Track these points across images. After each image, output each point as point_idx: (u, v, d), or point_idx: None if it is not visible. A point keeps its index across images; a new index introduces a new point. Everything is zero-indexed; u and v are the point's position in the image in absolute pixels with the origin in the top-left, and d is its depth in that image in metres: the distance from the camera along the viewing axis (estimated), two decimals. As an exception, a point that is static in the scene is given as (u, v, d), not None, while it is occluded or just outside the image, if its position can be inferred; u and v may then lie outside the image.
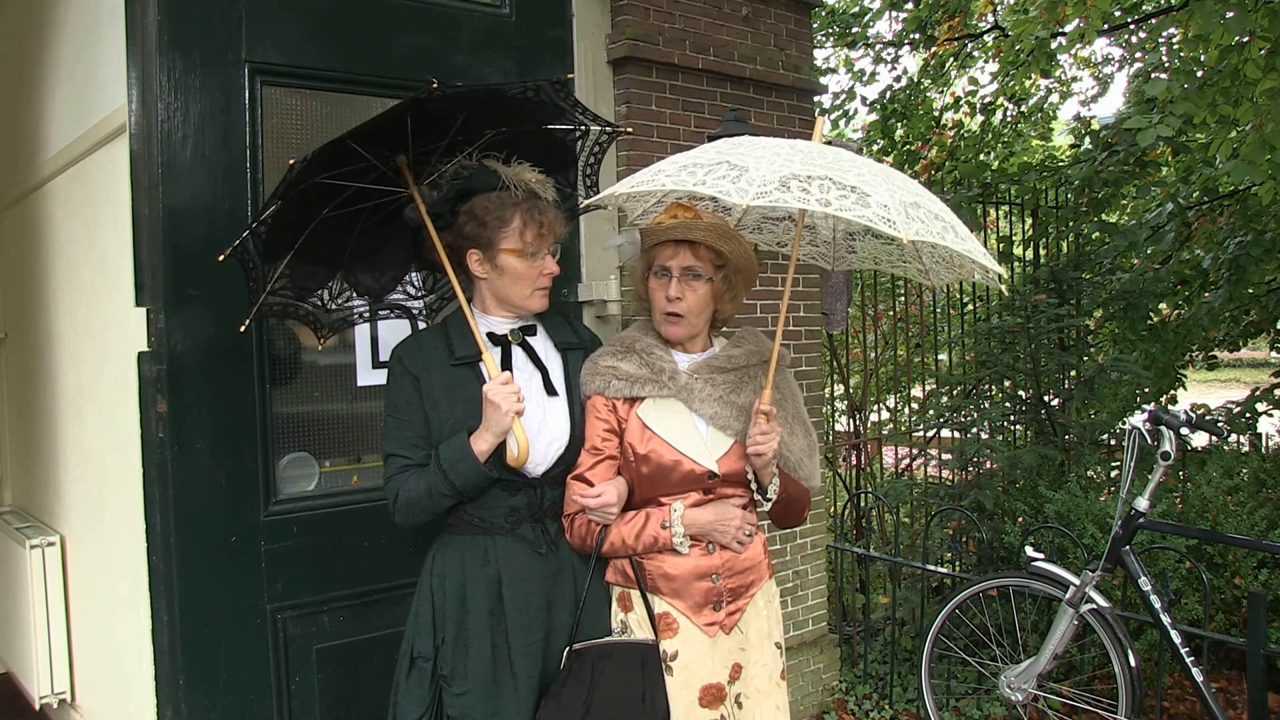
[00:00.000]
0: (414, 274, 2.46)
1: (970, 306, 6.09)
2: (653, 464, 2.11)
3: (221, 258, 2.08)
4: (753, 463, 2.11)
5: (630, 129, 2.16)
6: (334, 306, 2.34)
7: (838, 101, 8.95)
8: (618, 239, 2.30)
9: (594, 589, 2.15)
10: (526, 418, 2.07)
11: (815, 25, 7.24)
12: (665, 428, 2.12)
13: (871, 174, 1.82)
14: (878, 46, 9.02)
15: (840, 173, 1.79)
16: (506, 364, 2.14)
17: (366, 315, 2.42)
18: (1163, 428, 3.16)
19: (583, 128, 2.30)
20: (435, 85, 1.86)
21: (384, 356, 2.98)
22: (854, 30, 8.99)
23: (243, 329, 2.24)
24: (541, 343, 2.23)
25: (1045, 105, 9.24)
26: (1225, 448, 5.31)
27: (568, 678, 2.04)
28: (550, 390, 2.17)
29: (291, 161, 1.90)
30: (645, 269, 2.18)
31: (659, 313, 2.15)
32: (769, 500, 2.17)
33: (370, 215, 2.23)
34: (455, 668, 2.07)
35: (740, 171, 1.78)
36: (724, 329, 2.31)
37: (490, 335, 2.15)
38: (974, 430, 5.09)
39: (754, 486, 2.17)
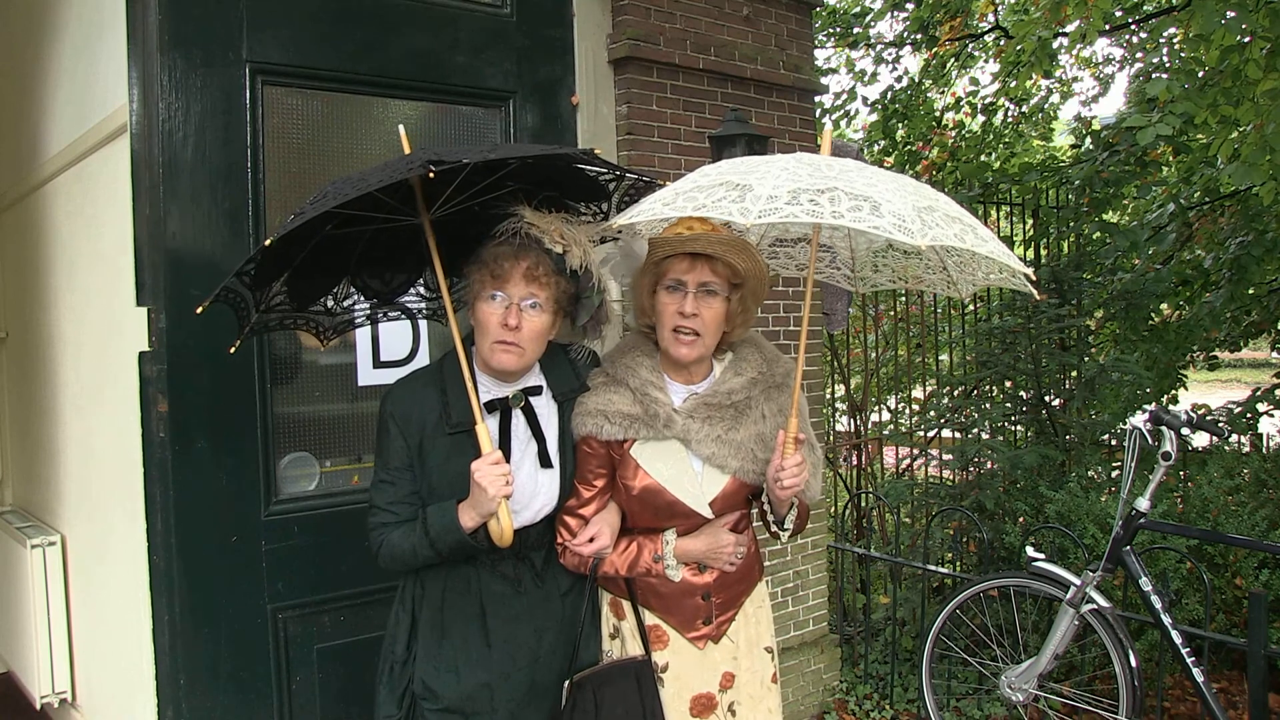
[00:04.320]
0: (427, 277, 2.33)
1: (971, 307, 6.08)
2: (646, 503, 2.07)
3: (200, 310, 1.91)
4: (776, 495, 2.00)
5: (664, 182, 2.00)
6: (339, 310, 2.26)
7: (839, 102, 8.95)
8: (605, 255, 2.17)
9: (589, 617, 2.13)
10: (518, 488, 1.99)
11: (816, 25, 7.23)
12: (660, 470, 2.05)
13: (881, 181, 1.74)
14: (879, 47, 9.02)
15: (849, 183, 1.70)
16: (506, 429, 2.03)
17: (375, 317, 2.34)
18: (1163, 428, 3.16)
19: (616, 173, 2.13)
20: (433, 173, 1.71)
21: (385, 356, 2.98)
22: (855, 30, 8.99)
23: (233, 350, 2.12)
24: (544, 401, 2.10)
25: (1046, 105, 9.24)
26: (1226, 448, 5.31)
27: (573, 711, 2.03)
28: (545, 462, 2.07)
29: (268, 242, 1.76)
30: (653, 282, 2.03)
31: (668, 330, 1.99)
32: (786, 530, 2.11)
33: (381, 226, 2.08)
34: (427, 685, 2.06)
35: (743, 191, 1.69)
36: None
37: (488, 404, 2.02)
38: (975, 430, 5.10)
39: (770, 519, 2.11)
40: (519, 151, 1.99)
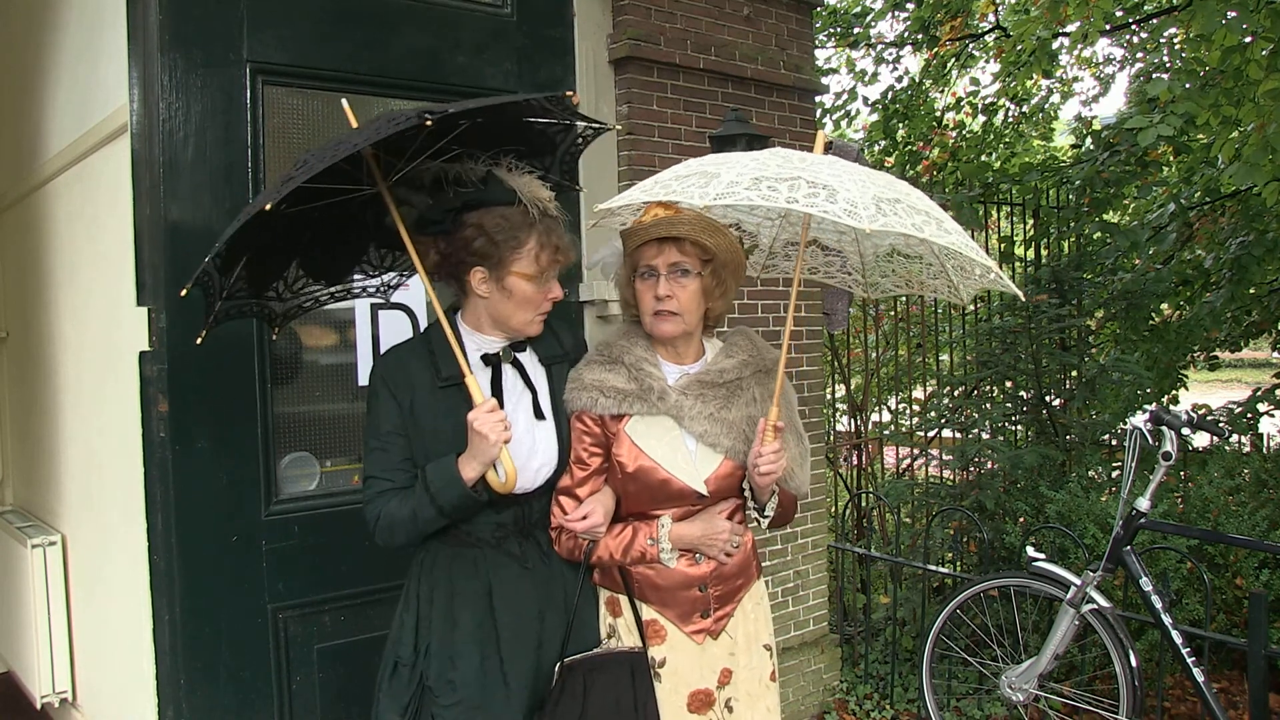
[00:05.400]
0: (370, 251, 2.30)
1: (971, 307, 6.08)
2: (640, 482, 2.07)
3: (184, 292, 1.92)
4: (755, 481, 2.05)
5: (619, 126, 2.04)
6: (289, 295, 2.21)
7: (839, 102, 8.94)
8: (598, 255, 2.22)
9: (583, 598, 2.12)
10: (515, 442, 2.00)
11: (816, 25, 7.24)
12: (654, 446, 2.07)
13: (848, 173, 1.80)
14: (879, 47, 9.02)
15: (814, 174, 1.77)
16: (497, 383, 2.07)
17: (324, 299, 2.30)
18: (1164, 428, 3.15)
19: (565, 123, 2.19)
20: (429, 122, 1.74)
21: (385, 356, 2.98)
22: (855, 30, 8.99)
23: (200, 341, 2.07)
24: (530, 359, 2.15)
25: (1046, 105, 9.24)
26: (1226, 448, 5.31)
27: (560, 693, 2.02)
28: (539, 414, 2.10)
29: (268, 206, 1.78)
30: (630, 272, 2.11)
31: (648, 314, 2.07)
32: (766, 517, 2.13)
33: (328, 208, 2.03)
34: (439, 680, 2.03)
35: (710, 177, 1.78)
36: (717, 330, 2.25)
37: (483, 356, 2.07)
38: (975, 430, 5.10)
39: (752, 504, 2.13)
40: (481, 104, 2.01)
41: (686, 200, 1.77)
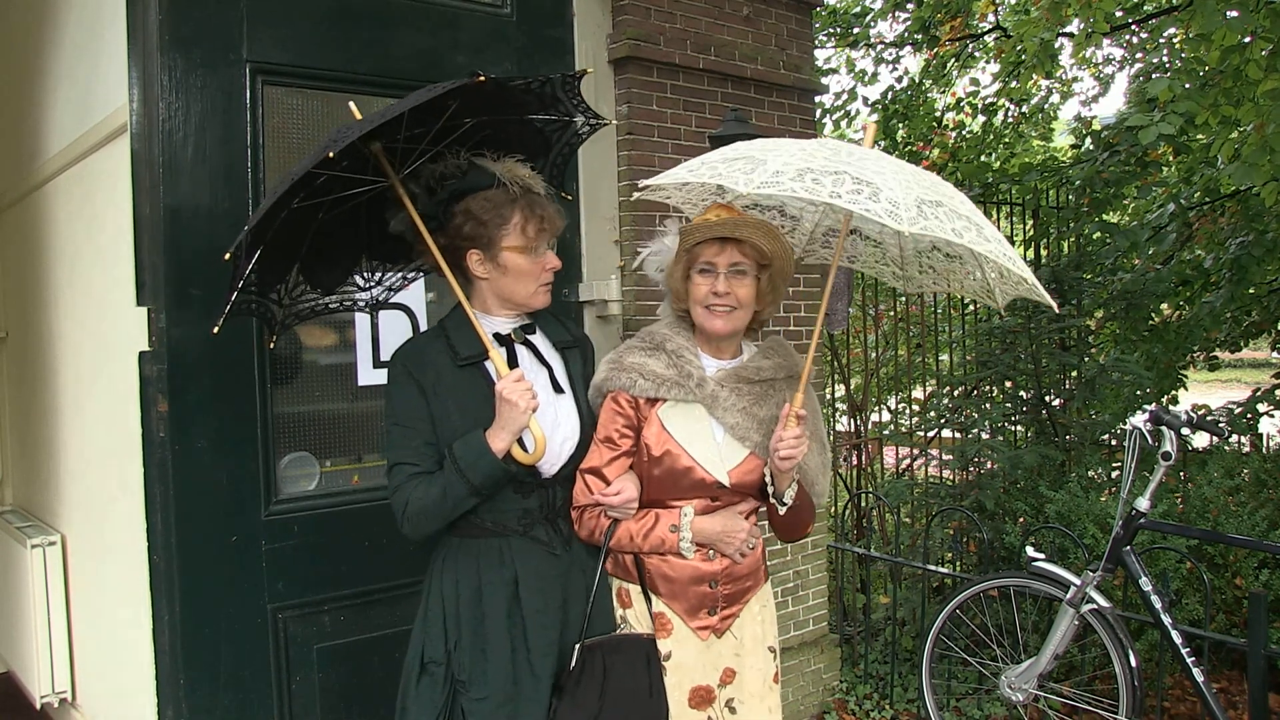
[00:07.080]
0: (364, 261, 2.35)
1: (971, 307, 6.08)
2: (665, 467, 2.10)
3: (228, 255, 1.97)
4: (777, 466, 2.06)
5: (615, 122, 2.10)
6: (288, 301, 2.24)
7: (839, 102, 8.93)
8: (648, 250, 2.25)
9: (602, 582, 2.15)
10: (539, 415, 2.05)
11: (816, 25, 7.23)
12: (683, 433, 2.10)
13: (890, 170, 1.80)
14: (879, 47, 9.02)
15: (860, 169, 1.77)
16: (512, 362, 2.12)
17: (319, 309, 2.32)
18: (1164, 428, 3.16)
19: (565, 118, 2.26)
20: (483, 79, 1.83)
21: (385, 356, 2.98)
22: (855, 30, 8.98)
23: (216, 330, 2.08)
24: (541, 341, 2.22)
25: (1046, 106, 9.23)
26: (1226, 448, 5.31)
27: (581, 673, 2.04)
28: (557, 388, 2.16)
29: (331, 155, 1.81)
30: (685, 268, 2.14)
31: (701, 305, 2.11)
32: (785, 505, 2.14)
33: (332, 206, 2.10)
34: (473, 673, 2.04)
35: (757, 164, 1.80)
36: (752, 338, 2.28)
37: (495, 336, 2.13)
38: (975, 430, 5.10)
39: (770, 491, 2.14)
40: (510, 77, 2.10)
41: (731, 185, 1.79)
